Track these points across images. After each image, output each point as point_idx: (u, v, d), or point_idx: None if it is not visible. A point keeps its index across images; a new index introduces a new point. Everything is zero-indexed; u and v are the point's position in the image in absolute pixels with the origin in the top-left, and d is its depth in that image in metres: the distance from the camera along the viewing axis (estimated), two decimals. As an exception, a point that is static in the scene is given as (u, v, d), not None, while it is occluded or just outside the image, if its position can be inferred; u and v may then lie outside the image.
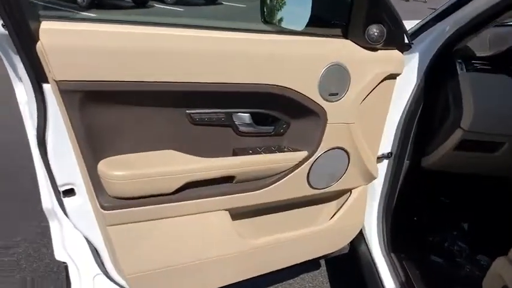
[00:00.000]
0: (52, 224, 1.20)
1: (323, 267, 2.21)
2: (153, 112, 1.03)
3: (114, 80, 0.90)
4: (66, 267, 1.27)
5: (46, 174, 1.04)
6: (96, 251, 1.20)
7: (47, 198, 1.12)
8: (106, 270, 1.24)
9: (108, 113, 0.97)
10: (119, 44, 0.89)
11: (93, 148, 0.99)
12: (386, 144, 1.46)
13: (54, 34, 0.83)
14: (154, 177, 1.03)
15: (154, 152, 1.08)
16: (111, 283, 1.28)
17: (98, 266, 1.22)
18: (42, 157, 1.01)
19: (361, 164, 1.35)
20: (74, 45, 0.85)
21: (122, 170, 1.00)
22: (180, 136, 1.10)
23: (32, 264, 2.09)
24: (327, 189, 1.35)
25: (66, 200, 1.08)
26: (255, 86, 1.04)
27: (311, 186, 1.30)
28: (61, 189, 1.06)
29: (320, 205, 1.48)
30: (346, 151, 1.28)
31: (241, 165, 1.14)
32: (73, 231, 1.15)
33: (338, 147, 1.26)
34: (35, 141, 0.99)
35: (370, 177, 1.45)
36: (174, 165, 1.06)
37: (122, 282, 1.25)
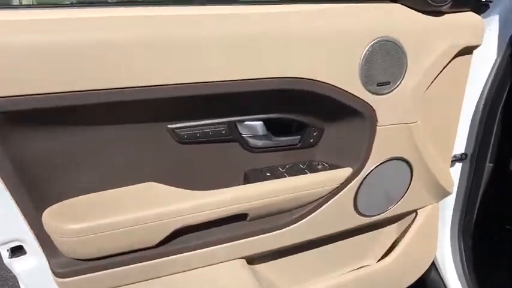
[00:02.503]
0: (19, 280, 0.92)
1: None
2: (118, 132, 0.73)
3: (54, 91, 0.60)
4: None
5: None
6: None
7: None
8: None
9: (49, 138, 0.68)
10: (58, 37, 0.58)
11: (32, 192, 0.69)
12: (458, 143, 1.12)
13: None
14: (128, 226, 0.72)
15: (126, 188, 0.78)
16: None
17: None
18: None
19: (429, 177, 1.00)
20: None
21: (78, 220, 0.70)
22: (163, 162, 0.80)
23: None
24: (382, 216, 1.00)
25: (15, 261, 0.79)
26: (268, 82, 0.73)
27: (360, 214, 0.96)
28: (4, 247, 0.78)
29: (373, 234, 1.13)
30: (407, 162, 0.94)
31: (258, 196, 0.82)
32: None
33: (396, 158, 0.92)
34: None
35: (443, 193, 1.09)
36: (157, 206, 0.76)
37: None
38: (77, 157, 0.72)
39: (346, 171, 0.88)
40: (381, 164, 0.90)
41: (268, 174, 0.87)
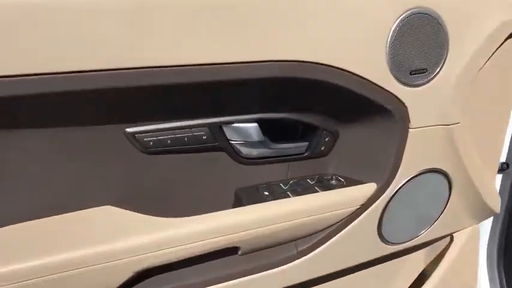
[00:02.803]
0: None
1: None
2: (58, 137, 0.57)
3: None
4: None
5: None
6: None
7: None
8: None
9: None
10: None
11: None
12: None
13: None
14: (74, 268, 0.54)
15: (73, 215, 0.60)
16: None
17: None
18: None
19: (472, 193, 0.83)
20: None
21: (4, 261, 0.52)
22: (123, 178, 0.64)
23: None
24: (412, 242, 0.83)
25: None
26: (264, 67, 0.57)
27: (386, 242, 0.79)
28: None
29: (395, 263, 0.95)
30: (445, 174, 0.77)
31: (253, 222, 0.65)
32: None
33: (432, 170, 0.76)
34: None
35: (487, 213, 0.91)
36: (116, 238, 0.58)
37: None
38: (1, 172, 0.54)
39: (369, 188, 0.72)
40: (414, 177, 0.74)
41: (266, 193, 0.72)
